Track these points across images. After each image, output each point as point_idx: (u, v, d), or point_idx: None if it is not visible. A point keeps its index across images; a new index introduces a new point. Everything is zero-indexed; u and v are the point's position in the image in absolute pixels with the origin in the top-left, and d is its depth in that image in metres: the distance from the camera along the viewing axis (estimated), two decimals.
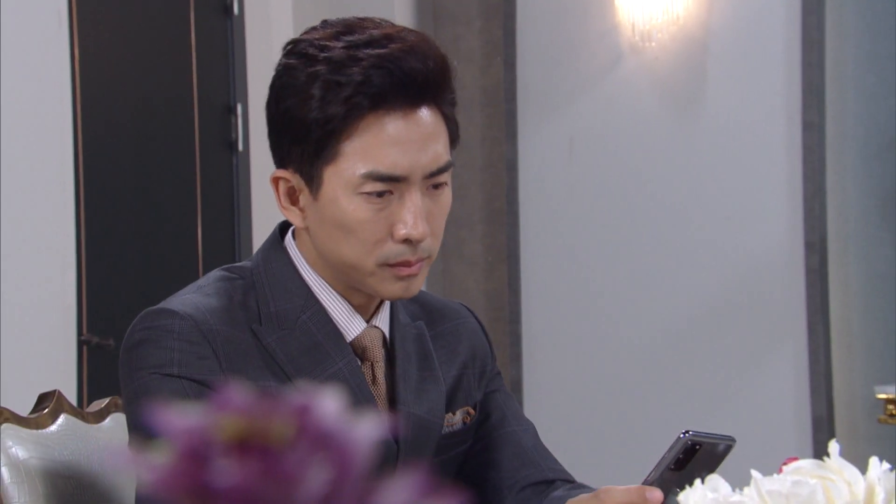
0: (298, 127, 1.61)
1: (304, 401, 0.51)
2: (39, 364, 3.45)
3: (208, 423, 0.51)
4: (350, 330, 1.69)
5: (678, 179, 4.50)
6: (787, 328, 4.34)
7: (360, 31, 1.61)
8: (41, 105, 3.53)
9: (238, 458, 0.50)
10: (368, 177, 1.59)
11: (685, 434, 1.53)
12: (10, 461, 1.67)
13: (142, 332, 1.63)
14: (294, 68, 1.62)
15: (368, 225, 1.61)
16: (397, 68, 1.58)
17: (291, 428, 0.51)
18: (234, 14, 4.51)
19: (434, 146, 1.62)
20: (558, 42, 4.68)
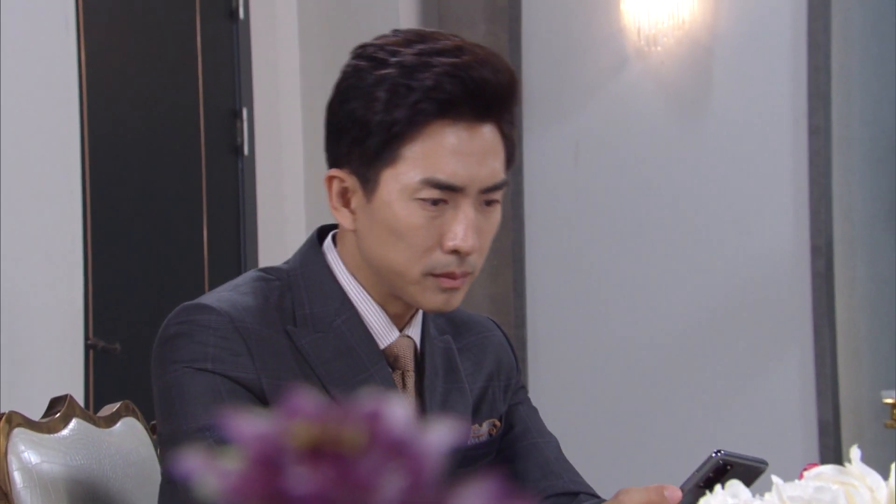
0: (361, 128, 1.62)
1: (373, 408, 0.51)
2: (47, 368, 3.45)
3: (280, 429, 0.50)
4: (384, 338, 1.69)
5: (684, 183, 4.49)
6: (792, 332, 4.33)
7: (431, 40, 1.63)
8: (48, 109, 3.53)
9: (312, 465, 0.49)
10: (426, 183, 1.60)
11: (717, 453, 1.52)
12: (22, 465, 1.67)
13: (177, 325, 1.62)
14: (362, 70, 1.63)
15: (420, 232, 1.61)
16: (469, 77, 1.59)
17: (363, 435, 0.50)
18: (240, 19, 4.52)
19: (493, 162, 1.63)
20: (564, 46, 4.67)
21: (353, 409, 0.51)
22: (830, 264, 4.30)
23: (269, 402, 1.60)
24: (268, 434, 0.50)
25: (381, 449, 0.50)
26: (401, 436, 0.50)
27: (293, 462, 0.49)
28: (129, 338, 3.88)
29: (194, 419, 1.57)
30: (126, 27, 4.03)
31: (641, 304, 4.53)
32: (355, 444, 0.50)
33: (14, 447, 1.68)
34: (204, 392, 1.58)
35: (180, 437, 1.58)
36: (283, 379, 1.61)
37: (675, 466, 4.42)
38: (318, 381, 1.63)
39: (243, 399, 1.58)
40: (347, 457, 0.50)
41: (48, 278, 3.48)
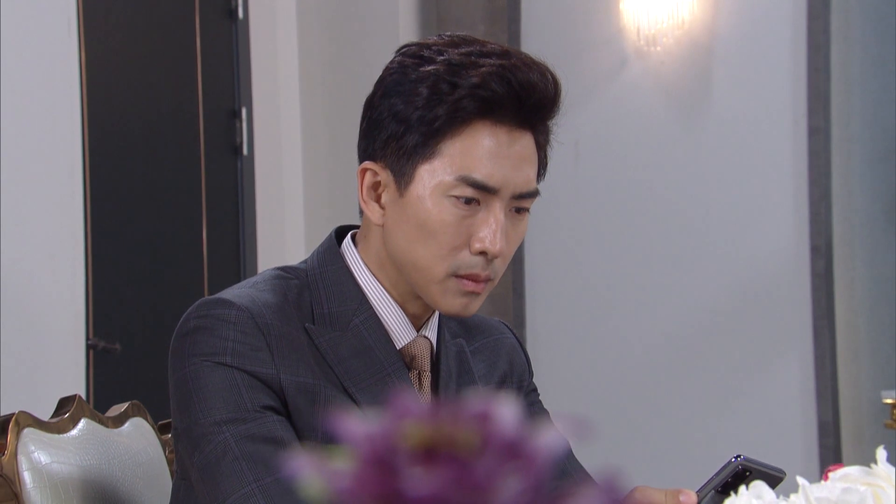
0: (401, 122, 1.62)
1: (483, 408, 0.51)
2: (49, 368, 3.45)
3: (390, 430, 0.50)
4: (401, 337, 1.69)
5: (683, 184, 4.49)
6: (792, 332, 4.33)
7: (479, 44, 1.64)
8: (50, 110, 3.53)
9: (428, 466, 0.49)
10: (462, 180, 1.60)
11: (737, 458, 1.52)
12: (32, 466, 1.67)
13: (197, 319, 1.62)
14: (408, 66, 1.63)
15: (450, 229, 1.61)
16: (515, 79, 1.60)
17: (477, 436, 0.50)
18: (239, 18, 4.51)
19: (528, 170, 1.63)
20: (563, 46, 4.67)
21: (463, 410, 0.51)
22: (830, 265, 4.31)
23: (287, 398, 1.59)
24: (378, 434, 0.50)
25: (495, 450, 0.50)
26: (514, 437, 0.50)
27: (408, 463, 0.49)
28: (129, 338, 3.87)
29: (212, 413, 1.57)
30: (125, 27, 4.03)
31: (641, 305, 4.53)
32: (470, 445, 0.50)
33: (24, 447, 1.67)
34: (222, 386, 1.58)
35: (197, 431, 1.58)
36: (302, 375, 1.61)
37: (675, 466, 4.43)
38: (336, 378, 1.63)
39: (262, 394, 1.58)
40: (463, 458, 0.49)
41: (50, 278, 3.47)
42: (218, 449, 1.56)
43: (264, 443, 1.56)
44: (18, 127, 3.38)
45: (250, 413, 1.57)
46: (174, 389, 1.62)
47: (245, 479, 1.53)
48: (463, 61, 1.61)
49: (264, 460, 1.54)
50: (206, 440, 1.57)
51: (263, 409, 1.58)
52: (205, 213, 4.30)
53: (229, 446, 1.55)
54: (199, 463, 1.58)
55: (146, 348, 3.96)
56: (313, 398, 1.60)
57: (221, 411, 1.57)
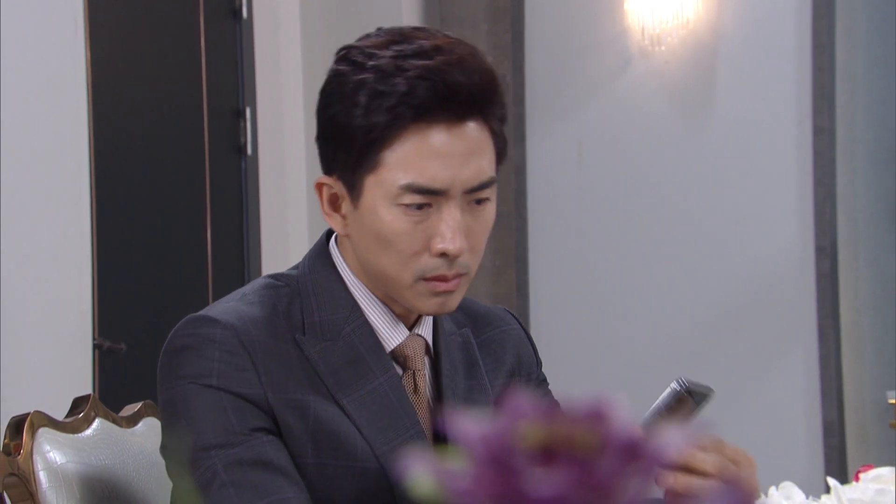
0: (343, 134, 1.60)
1: (598, 408, 0.50)
2: (56, 368, 3.44)
3: (507, 430, 0.49)
4: (392, 339, 1.68)
5: (687, 183, 4.49)
6: (797, 332, 4.33)
7: (410, 40, 1.60)
8: (57, 110, 3.52)
9: (548, 467, 0.48)
10: (407, 188, 1.58)
11: (679, 384, 1.54)
12: (47, 465, 1.67)
13: (183, 338, 1.61)
14: (342, 75, 1.61)
15: (406, 237, 1.60)
16: (441, 81, 1.57)
17: (596, 436, 0.49)
18: (243, 18, 4.51)
19: (477, 161, 1.60)
20: (567, 45, 4.67)
21: (578, 410, 0.50)
22: (835, 265, 4.30)
23: (276, 416, 1.59)
24: (495, 435, 0.49)
25: (615, 450, 0.49)
26: (634, 438, 0.50)
27: (527, 463, 0.48)
28: (135, 337, 3.87)
29: (200, 438, 1.57)
30: (130, 27, 4.02)
31: (645, 304, 4.52)
32: (589, 445, 0.49)
33: (39, 447, 1.67)
34: (209, 409, 1.57)
35: (187, 458, 1.58)
36: (291, 392, 1.60)
37: None
38: (326, 390, 1.62)
39: (250, 415, 1.57)
40: (582, 458, 0.49)
41: (56, 278, 3.47)
42: (206, 475, 1.55)
43: (253, 467, 1.55)
44: (25, 127, 3.38)
45: (238, 436, 1.56)
46: (163, 408, 1.62)
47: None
48: (390, 66, 1.57)
49: (253, 485, 1.54)
50: (195, 466, 1.56)
51: (253, 431, 1.57)
52: (209, 213, 4.30)
53: (217, 472, 1.55)
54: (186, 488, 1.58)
55: (151, 348, 3.94)
56: (302, 414, 1.59)
57: (209, 436, 1.56)
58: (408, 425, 1.64)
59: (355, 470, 1.60)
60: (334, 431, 1.60)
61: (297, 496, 1.55)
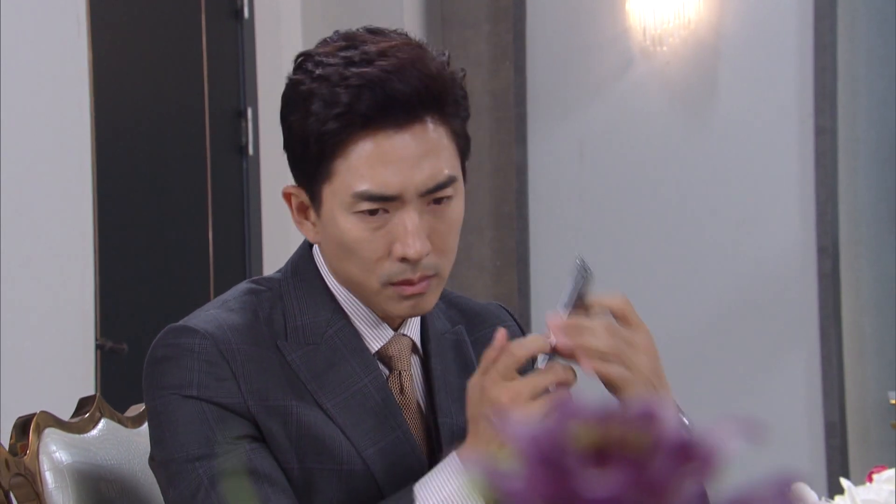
0: (299, 143, 1.60)
1: (650, 409, 0.50)
2: (58, 369, 3.44)
3: (559, 431, 0.49)
4: (376, 340, 1.67)
5: (689, 184, 4.49)
6: (799, 333, 4.33)
7: (358, 45, 1.58)
8: (60, 110, 3.52)
9: (603, 468, 0.48)
10: (360, 196, 1.57)
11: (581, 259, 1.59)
12: (53, 466, 1.66)
13: (164, 348, 1.61)
14: (297, 84, 1.60)
15: (365, 244, 1.59)
16: (380, 90, 1.55)
17: (649, 436, 0.49)
18: (245, 18, 4.50)
19: (431, 162, 1.58)
20: (568, 46, 4.67)
21: (629, 410, 0.50)
22: (837, 265, 4.30)
23: (259, 423, 1.59)
24: (546, 436, 0.49)
25: (669, 451, 0.49)
26: (686, 438, 0.49)
27: (581, 464, 0.48)
28: (136, 338, 3.86)
29: (183, 448, 1.57)
30: (132, 27, 4.02)
31: (647, 305, 4.50)
32: (642, 445, 0.49)
33: (45, 447, 1.67)
34: (191, 421, 1.57)
35: (172, 468, 1.58)
36: (272, 399, 1.60)
37: None
38: (309, 395, 1.61)
39: (232, 424, 1.57)
40: (636, 459, 0.48)
41: (59, 279, 3.47)
42: (191, 486, 1.56)
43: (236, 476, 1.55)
44: (28, 127, 3.38)
45: (222, 446, 1.56)
46: (148, 418, 1.63)
47: None
48: (335, 75, 1.56)
49: (236, 497, 1.54)
50: (180, 477, 1.57)
51: (236, 440, 1.57)
52: (210, 213, 4.30)
53: (201, 484, 1.55)
54: (173, 499, 1.58)
55: None
56: (284, 420, 1.59)
57: (192, 447, 1.56)
58: (394, 426, 1.63)
59: (341, 473, 1.60)
60: (317, 436, 1.60)
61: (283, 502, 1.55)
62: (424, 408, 1.69)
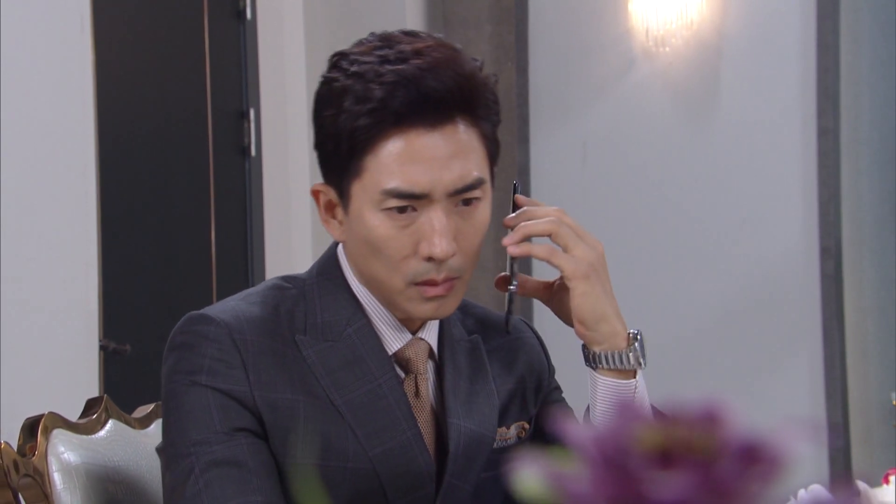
0: (331, 140, 1.61)
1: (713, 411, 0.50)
2: (62, 370, 3.44)
3: (621, 433, 0.49)
4: (394, 342, 1.68)
5: (692, 185, 4.49)
6: (802, 334, 4.33)
7: (394, 45, 1.61)
8: (64, 111, 3.52)
9: (668, 470, 0.48)
10: (389, 193, 1.58)
11: (515, 181, 1.71)
12: (61, 467, 1.66)
13: (181, 335, 1.63)
14: (330, 81, 1.62)
15: (392, 242, 1.60)
16: (415, 87, 1.57)
17: (714, 438, 0.49)
18: (247, 18, 4.50)
19: (461, 163, 1.59)
20: (571, 47, 4.67)
21: (692, 412, 0.50)
22: (839, 266, 4.30)
23: (262, 416, 1.60)
24: (609, 438, 0.49)
25: (734, 453, 0.49)
26: (752, 440, 0.49)
27: (646, 467, 0.48)
28: (140, 338, 3.86)
29: (184, 434, 1.58)
30: (134, 28, 4.02)
31: (649, 306, 4.52)
32: (707, 447, 0.49)
33: (54, 448, 1.67)
34: (196, 407, 1.59)
35: (171, 451, 1.60)
36: (280, 392, 1.61)
37: None
38: (322, 391, 1.62)
39: (235, 415, 1.59)
40: (702, 461, 0.48)
41: (63, 279, 3.46)
42: (184, 471, 1.57)
43: (227, 466, 1.56)
44: (31, 127, 3.37)
45: (219, 435, 1.57)
46: (162, 402, 1.65)
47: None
48: (371, 72, 1.58)
49: (222, 485, 1.55)
50: (176, 462, 1.58)
51: (234, 432, 1.58)
52: (213, 214, 4.30)
53: (193, 469, 1.56)
54: (168, 483, 1.60)
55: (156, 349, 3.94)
56: (291, 414, 1.60)
57: (192, 433, 1.58)
58: (404, 428, 1.64)
59: (346, 471, 1.61)
60: (325, 432, 1.61)
61: (265, 500, 1.55)
62: (437, 412, 1.70)
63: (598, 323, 1.68)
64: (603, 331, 1.69)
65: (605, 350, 1.68)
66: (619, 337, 1.71)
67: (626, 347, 1.69)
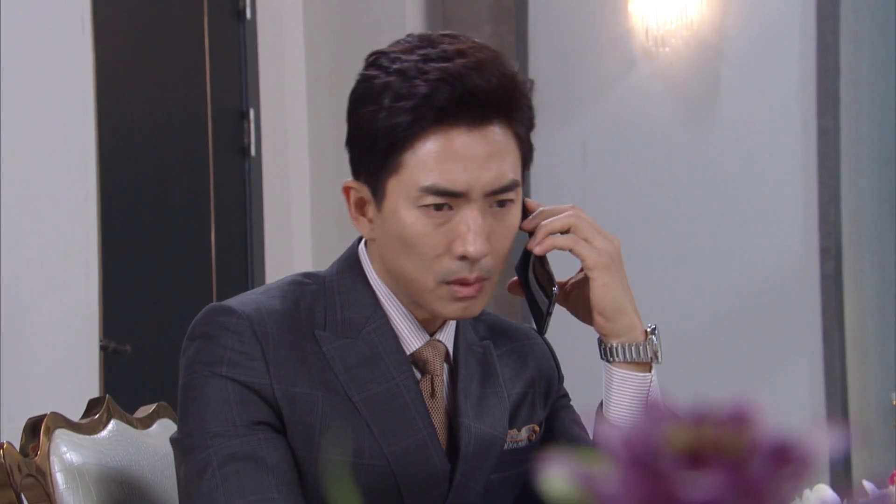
0: (368, 136, 1.62)
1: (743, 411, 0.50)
2: (63, 370, 3.43)
3: (651, 433, 0.49)
4: (412, 342, 1.69)
5: (692, 185, 4.49)
6: (802, 334, 4.33)
7: (436, 45, 1.62)
8: (65, 111, 3.52)
9: (700, 471, 0.48)
10: (427, 190, 1.59)
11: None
12: (64, 466, 1.66)
13: (203, 326, 1.63)
14: (369, 78, 1.63)
15: (427, 239, 1.60)
16: (460, 84, 1.58)
17: (744, 439, 0.49)
18: (247, 18, 4.50)
19: (498, 164, 1.61)
20: (571, 47, 4.67)
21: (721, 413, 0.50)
22: (839, 266, 4.30)
23: (281, 409, 1.60)
24: (639, 439, 0.48)
25: (765, 453, 0.48)
26: (781, 440, 0.49)
27: (677, 467, 0.48)
28: (140, 339, 3.86)
29: (202, 425, 1.58)
30: (134, 28, 4.02)
31: (649, 305, 4.50)
32: (738, 448, 0.48)
33: (56, 448, 1.67)
34: (215, 398, 1.59)
35: (187, 442, 1.59)
36: (299, 386, 1.61)
37: None
38: (340, 387, 1.63)
39: (253, 408, 1.59)
40: (733, 462, 0.48)
41: (64, 280, 3.46)
42: (201, 464, 1.57)
43: (245, 461, 1.56)
44: (32, 127, 3.37)
45: (237, 429, 1.57)
46: (179, 395, 1.65)
47: (216, 500, 1.54)
48: (413, 69, 1.59)
49: (239, 481, 1.55)
50: (193, 454, 1.58)
51: (253, 425, 1.58)
52: (213, 214, 4.29)
53: (210, 463, 1.56)
54: (183, 475, 1.60)
55: (156, 349, 3.95)
56: (309, 408, 1.60)
57: (210, 424, 1.58)
58: (420, 427, 1.65)
59: (361, 467, 1.61)
60: (342, 427, 1.61)
61: (282, 497, 1.55)
62: (450, 413, 1.70)
63: (617, 314, 1.70)
64: (622, 322, 1.71)
65: (623, 342, 1.69)
66: (637, 330, 1.73)
67: (643, 341, 1.70)
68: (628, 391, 1.72)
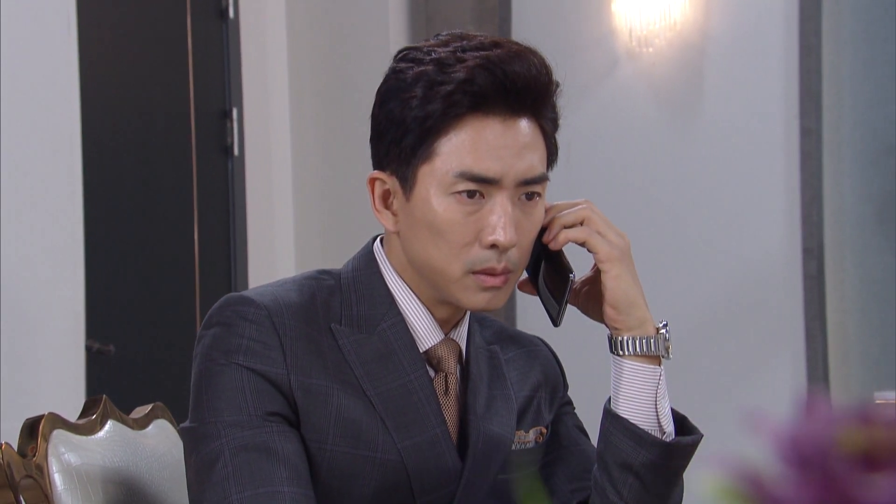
0: (399, 126, 1.62)
1: None
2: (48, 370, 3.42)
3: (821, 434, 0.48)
4: (427, 339, 1.69)
5: (675, 185, 4.50)
6: (784, 334, 4.34)
7: (470, 38, 1.64)
8: (50, 111, 3.51)
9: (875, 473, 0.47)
10: (461, 176, 1.60)
11: None
12: (62, 467, 1.66)
13: (220, 315, 1.63)
14: (402, 71, 1.64)
15: (457, 227, 1.61)
16: (500, 70, 1.59)
17: None
18: (230, 18, 4.49)
19: (530, 156, 1.63)
20: (554, 47, 4.63)
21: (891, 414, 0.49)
22: (822, 267, 4.31)
23: (296, 400, 1.60)
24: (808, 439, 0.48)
25: None
26: None
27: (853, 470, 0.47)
28: (123, 339, 3.85)
29: (216, 414, 1.58)
30: (118, 27, 4.01)
31: None
32: None
33: (54, 449, 1.66)
34: (230, 388, 1.59)
35: (200, 430, 1.59)
36: (315, 377, 1.61)
37: None
38: (355, 380, 1.63)
39: (267, 398, 1.59)
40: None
41: (49, 280, 3.45)
42: (213, 453, 1.57)
43: (257, 452, 1.56)
44: (18, 128, 3.36)
45: (252, 419, 1.57)
46: (192, 384, 1.64)
47: (227, 490, 1.54)
48: (449, 58, 1.60)
49: (251, 472, 1.55)
50: (205, 442, 1.58)
51: (267, 416, 1.58)
52: (196, 214, 4.28)
53: (223, 452, 1.56)
54: (194, 463, 1.59)
55: (140, 349, 3.94)
56: (324, 400, 1.61)
57: (225, 413, 1.58)
58: (434, 424, 1.66)
59: (375, 461, 1.62)
60: (356, 420, 1.61)
61: (292, 491, 1.55)
62: (461, 411, 1.71)
63: (630, 307, 1.72)
64: (635, 315, 1.73)
65: (634, 335, 1.70)
66: (649, 324, 1.75)
67: (655, 334, 1.71)
68: (639, 384, 1.74)
